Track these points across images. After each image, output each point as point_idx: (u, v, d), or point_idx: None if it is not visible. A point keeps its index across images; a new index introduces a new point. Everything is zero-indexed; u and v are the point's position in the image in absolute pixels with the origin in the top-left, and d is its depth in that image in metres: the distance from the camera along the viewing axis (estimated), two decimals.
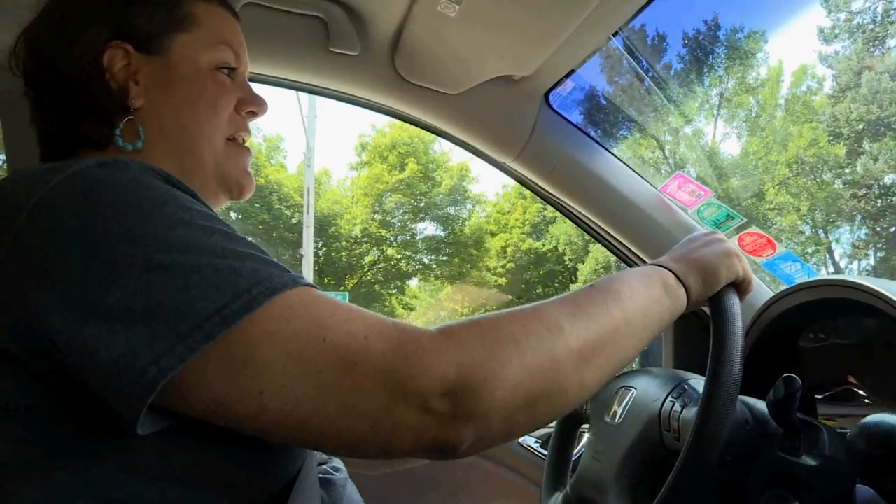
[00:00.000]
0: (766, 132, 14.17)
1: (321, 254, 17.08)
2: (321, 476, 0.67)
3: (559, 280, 17.08)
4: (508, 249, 17.39)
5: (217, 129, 0.66)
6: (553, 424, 0.98)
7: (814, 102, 13.85)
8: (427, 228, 18.12)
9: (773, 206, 13.52)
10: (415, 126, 1.22)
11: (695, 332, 1.23)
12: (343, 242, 17.29)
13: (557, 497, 0.87)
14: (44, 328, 0.40)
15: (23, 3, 0.63)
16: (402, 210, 17.61)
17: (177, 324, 0.40)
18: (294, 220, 15.99)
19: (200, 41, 0.65)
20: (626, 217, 1.19)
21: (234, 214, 15.74)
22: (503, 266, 17.34)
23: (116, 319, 0.40)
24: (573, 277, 16.25)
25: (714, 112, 14.84)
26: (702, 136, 15.41)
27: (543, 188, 1.23)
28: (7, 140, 1.00)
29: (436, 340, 0.45)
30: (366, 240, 17.48)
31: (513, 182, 2.16)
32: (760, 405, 0.67)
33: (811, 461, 0.60)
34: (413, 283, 19.09)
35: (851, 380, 0.81)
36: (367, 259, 17.87)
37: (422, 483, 1.39)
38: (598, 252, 14.65)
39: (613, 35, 0.98)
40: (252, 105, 0.70)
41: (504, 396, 0.45)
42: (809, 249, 13.76)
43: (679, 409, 0.71)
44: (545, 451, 1.16)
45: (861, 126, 12.59)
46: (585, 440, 0.85)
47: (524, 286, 17.01)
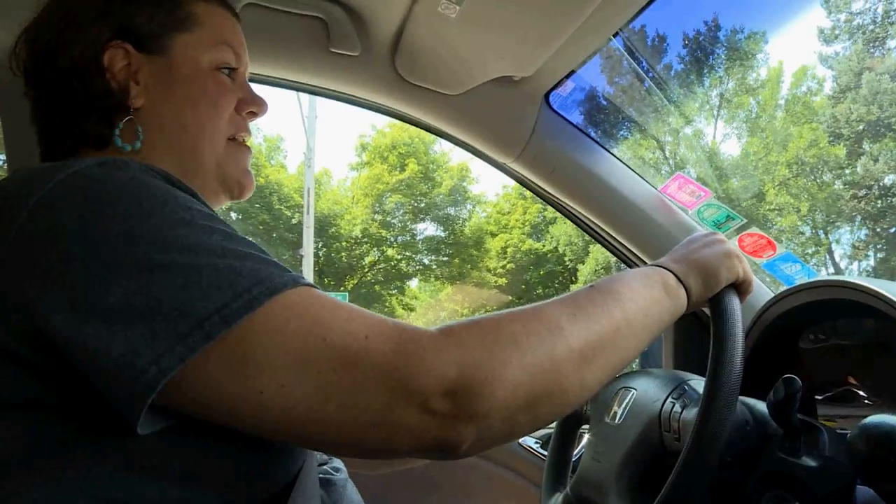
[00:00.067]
0: (767, 133, 14.17)
1: (321, 254, 17.07)
2: (321, 476, 0.67)
3: (559, 281, 17.07)
4: (508, 250, 17.38)
5: (218, 130, 0.66)
6: (553, 425, 0.98)
7: (814, 103, 13.85)
8: (427, 229, 18.16)
9: (774, 207, 13.52)
10: (415, 126, 1.22)
11: (695, 333, 1.23)
12: (343, 243, 17.28)
13: (557, 498, 0.87)
14: (44, 327, 0.40)
15: (23, 3, 0.64)
16: (403, 210, 17.60)
17: (177, 323, 0.40)
18: (294, 221, 15.99)
19: (201, 41, 0.65)
20: (627, 218, 1.19)
21: (234, 214, 15.74)
22: (503, 267, 17.34)
23: (116, 319, 0.40)
24: (573, 278, 16.25)
25: (714, 113, 14.85)
26: (702, 137, 15.44)
27: (543, 189, 1.23)
28: (7, 140, 1.00)
29: (436, 340, 0.45)
30: (366, 240, 17.47)
31: (513, 182, 2.16)
32: (761, 406, 0.67)
33: (811, 462, 0.60)
34: (413, 284, 19.09)
35: (851, 381, 0.80)
36: (368, 259, 17.87)
37: (422, 483, 1.39)
38: (598, 253, 14.64)
39: (614, 36, 0.98)
40: (252, 105, 0.70)
41: (505, 396, 0.45)
42: (810, 250, 13.77)
43: (679, 410, 0.71)
44: (545, 452, 1.16)
45: (861, 127, 12.59)
46: (585, 441, 0.85)
47: (524, 287, 17.01)
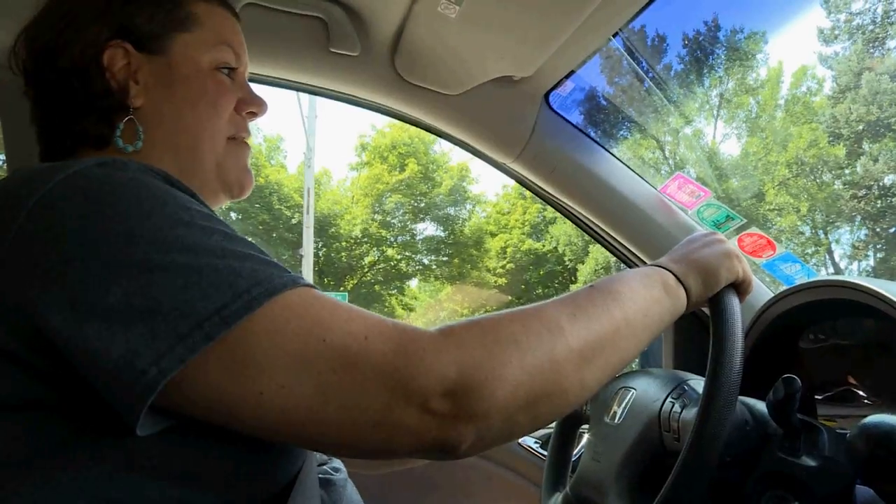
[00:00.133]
0: (766, 133, 14.16)
1: (321, 254, 17.07)
2: (321, 476, 0.67)
3: (559, 281, 17.07)
4: (508, 250, 17.38)
5: (217, 130, 0.66)
6: (553, 425, 0.98)
7: (814, 103, 13.84)
8: (427, 229, 18.15)
9: (773, 207, 13.52)
10: (415, 126, 1.22)
11: (695, 333, 1.23)
12: (343, 243, 17.28)
13: (557, 498, 0.87)
14: (44, 328, 0.40)
15: (23, 3, 0.63)
16: (402, 210, 17.60)
17: (177, 324, 0.40)
18: (294, 221, 15.98)
19: (201, 41, 0.65)
20: (626, 218, 1.19)
21: (234, 214, 15.74)
22: (503, 267, 17.33)
23: (116, 319, 0.40)
24: (573, 278, 16.25)
25: (714, 113, 14.85)
26: (702, 137, 15.43)
27: (543, 189, 1.23)
28: (7, 140, 1.00)
29: (436, 341, 0.45)
30: (366, 240, 17.47)
31: (513, 182, 2.16)
32: (760, 406, 0.67)
33: (811, 462, 0.60)
34: (413, 284, 19.09)
35: (851, 380, 0.80)
36: (367, 259, 17.86)
37: (421, 483, 1.39)
38: (598, 253, 14.64)
39: (613, 36, 0.98)
40: (252, 105, 0.70)
41: (504, 396, 0.45)
42: (809, 250, 13.76)
43: (679, 410, 0.71)
44: (545, 452, 1.16)
45: (861, 127, 12.59)
46: (585, 441, 0.85)
47: (524, 287, 17.01)
